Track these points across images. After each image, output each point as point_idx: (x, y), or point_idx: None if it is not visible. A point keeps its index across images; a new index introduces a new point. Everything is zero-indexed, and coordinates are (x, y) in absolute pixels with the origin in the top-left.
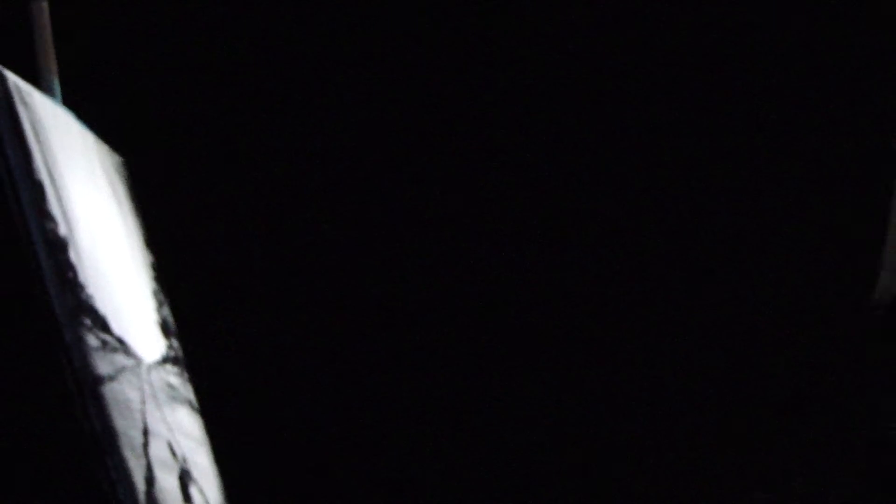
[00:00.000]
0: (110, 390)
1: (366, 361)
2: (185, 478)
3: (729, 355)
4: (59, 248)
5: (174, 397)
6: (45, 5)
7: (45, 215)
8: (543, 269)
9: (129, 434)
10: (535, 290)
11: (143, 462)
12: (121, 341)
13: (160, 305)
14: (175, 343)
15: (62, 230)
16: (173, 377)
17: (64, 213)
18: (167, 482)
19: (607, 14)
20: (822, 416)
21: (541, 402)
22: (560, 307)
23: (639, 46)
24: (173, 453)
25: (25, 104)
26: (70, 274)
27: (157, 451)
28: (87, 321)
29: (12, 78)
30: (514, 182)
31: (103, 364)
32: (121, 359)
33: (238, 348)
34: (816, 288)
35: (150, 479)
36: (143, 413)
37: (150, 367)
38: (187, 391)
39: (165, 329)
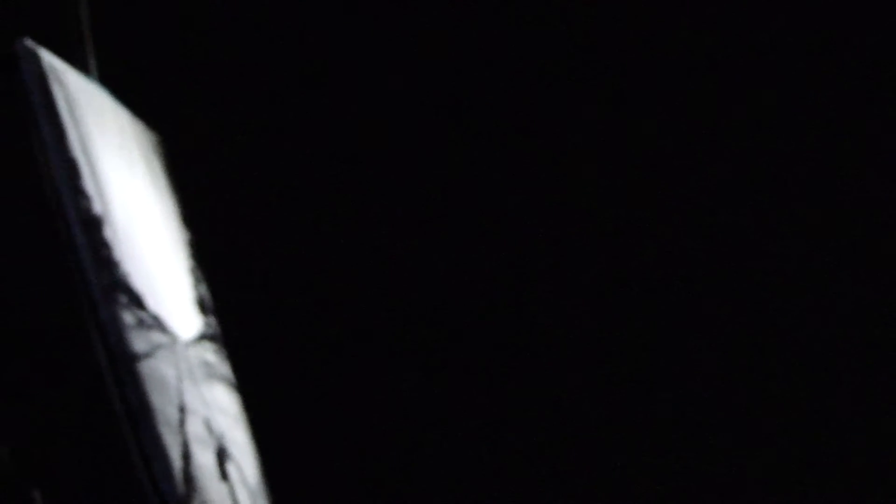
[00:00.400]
0: (146, 368)
1: (404, 337)
2: (221, 454)
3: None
4: (93, 225)
5: (211, 374)
6: None
7: (79, 193)
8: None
9: (165, 411)
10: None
11: (179, 439)
12: (157, 319)
13: (197, 283)
14: (212, 320)
15: (97, 208)
16: (210, 354)
17: (99, 190)
18: (204, 459)
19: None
20: None
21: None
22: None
23: (650, 49)
24: (210, 430)
25: (60, 82)
26: (105, 251)
27: (194, 428)
28: (123, 299)
29: (47, 56)
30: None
31: (139, 341)
32: (157, 336)
33: (276, 325)
34: None
35: (186, 456)
36: (180, 390)
37: (186, 345)
38: (224, 368)
39: (202, 306)
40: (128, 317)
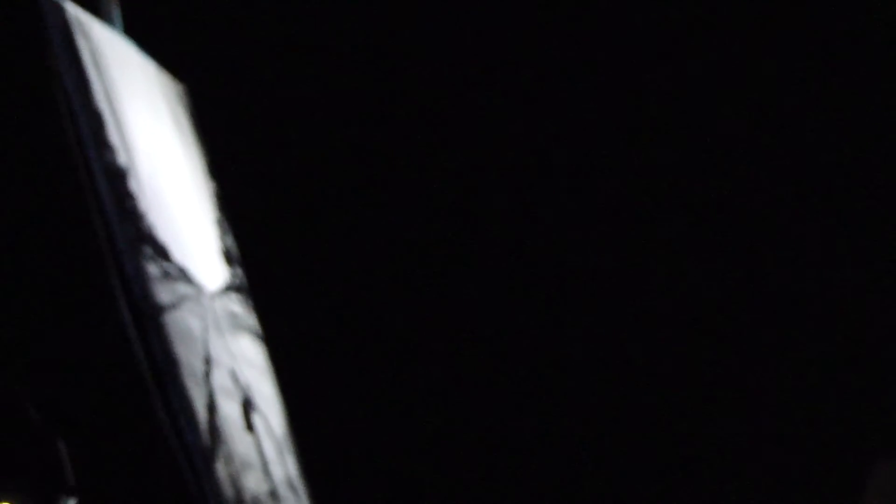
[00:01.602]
0: (172, 319)
1: (431, 289)
2: (247, 406)
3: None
4: (119, 177)
5: (237, 325)
6: None
7: (104, 145)
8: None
9: (190, 363)
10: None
11: (204, 391)
12: (182, 270)
13: (223, 234)
14: (238, 271)
15: (122, 160)
16: (236, 305)
17: (124, 142)
18: (229, 410)
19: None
20: None
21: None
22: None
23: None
24: (236, 382)
25: (85, 34)
26: (130, 203)
27: (220, 379)
28: (148, 250)
29: (72, 8)
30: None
31: (165, 293)
32: (182, 287)
33: (302, 276)
34: None
35: (211, 408)
36: (206, 342)
37: (212, 296)
38: (250, 319)
39: (229, 257)
40: (153, 268)
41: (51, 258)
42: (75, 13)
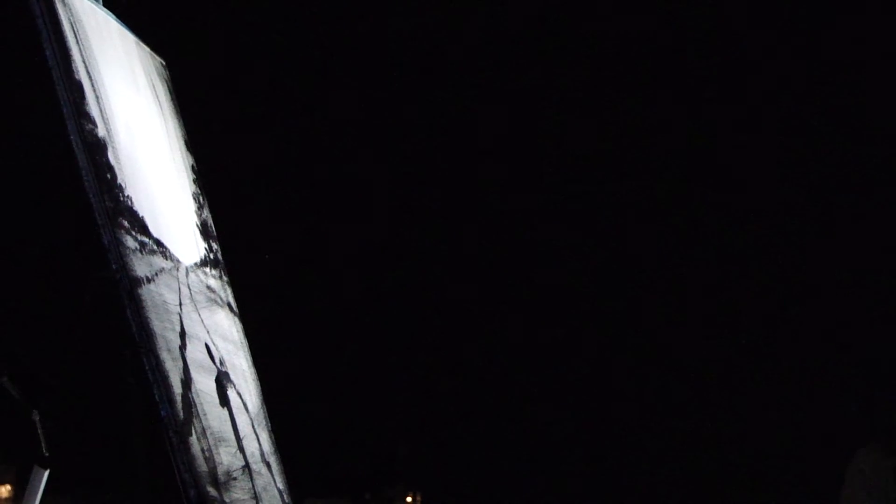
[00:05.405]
0: (147, 292)
1: (404, 264)
2: (222, 380)
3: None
4: (97, 149)
5: (213, 300)
6: None
7: (83, 116)
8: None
9: (166, 336)
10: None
11: (179, 364)
12: (159, 243)
13: (200, 208)
14: (215, 246)
15: (101, 131)
16: (212, 280)
17: (103, 114)
18: (204, 384)
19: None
20: None
21: None
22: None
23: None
24: (211, 356)
25: (65, 4)
26: (108, 175)
27: (195, 353)
28: (126, 223)
29: None
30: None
31: (141, 266)
32: (159, 261)
33: (278, 251)
34: None
35: (186, 382)
36: (181, 315)
37: (188, 270)
38: (226, 294)
39: (205, 231)
40: (130, 241)
41: (25, 233)
42: None
